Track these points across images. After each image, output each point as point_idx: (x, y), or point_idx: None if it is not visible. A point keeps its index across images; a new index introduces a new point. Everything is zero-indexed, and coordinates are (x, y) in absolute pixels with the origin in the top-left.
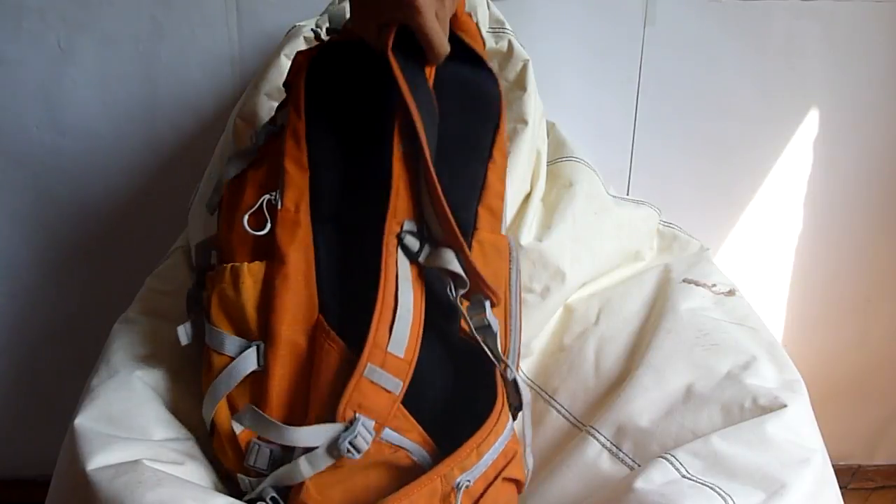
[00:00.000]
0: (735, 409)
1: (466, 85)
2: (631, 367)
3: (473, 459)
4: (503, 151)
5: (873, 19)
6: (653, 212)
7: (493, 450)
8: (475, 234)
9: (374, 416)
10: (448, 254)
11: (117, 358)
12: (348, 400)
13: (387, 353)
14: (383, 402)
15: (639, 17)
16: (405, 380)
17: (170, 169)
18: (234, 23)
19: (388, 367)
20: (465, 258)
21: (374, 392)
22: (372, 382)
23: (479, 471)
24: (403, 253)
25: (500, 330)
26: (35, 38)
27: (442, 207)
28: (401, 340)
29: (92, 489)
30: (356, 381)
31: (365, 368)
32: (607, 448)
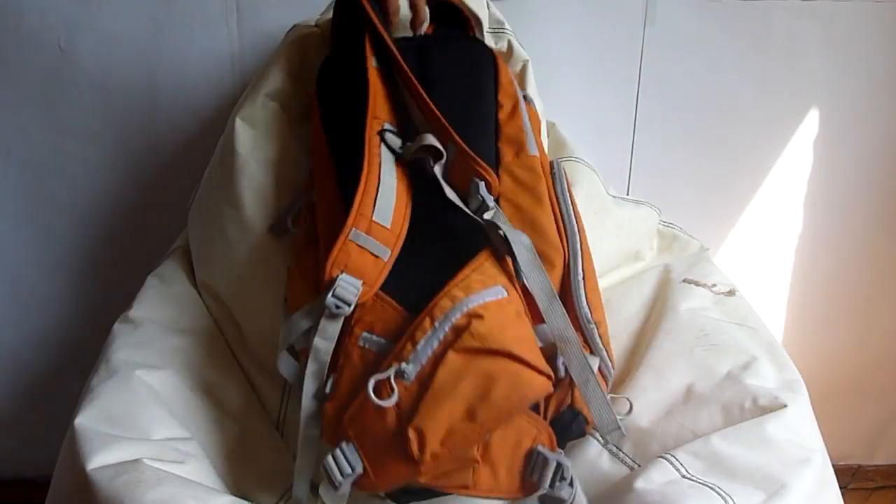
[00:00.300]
0: (735, 409)
1: (457, 42)
2: (631, 368)
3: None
4: (510, 95)
5: (873, 19)
6: (653, 212)
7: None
8: (501, 166)
9: (361, 277)
10: (426, 136)
11: (117, 357)
12: (334, 260)
13: (372, 220)
14: (369, 265)
15: (639, 17)
16: (393, 249)
17: (170, 169)
18: (234, 22)
19: (375, 234)
20: (445, 133)
21: (360, 254)
22: (358, 245)
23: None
24: (387, 147)
25: (554, 234)
26: (35, 38)
27: (417, 91)
28: (385, 211)
29: (92, 489)
30: (342, 243)
31: (350, 232)
32: (607, 448)
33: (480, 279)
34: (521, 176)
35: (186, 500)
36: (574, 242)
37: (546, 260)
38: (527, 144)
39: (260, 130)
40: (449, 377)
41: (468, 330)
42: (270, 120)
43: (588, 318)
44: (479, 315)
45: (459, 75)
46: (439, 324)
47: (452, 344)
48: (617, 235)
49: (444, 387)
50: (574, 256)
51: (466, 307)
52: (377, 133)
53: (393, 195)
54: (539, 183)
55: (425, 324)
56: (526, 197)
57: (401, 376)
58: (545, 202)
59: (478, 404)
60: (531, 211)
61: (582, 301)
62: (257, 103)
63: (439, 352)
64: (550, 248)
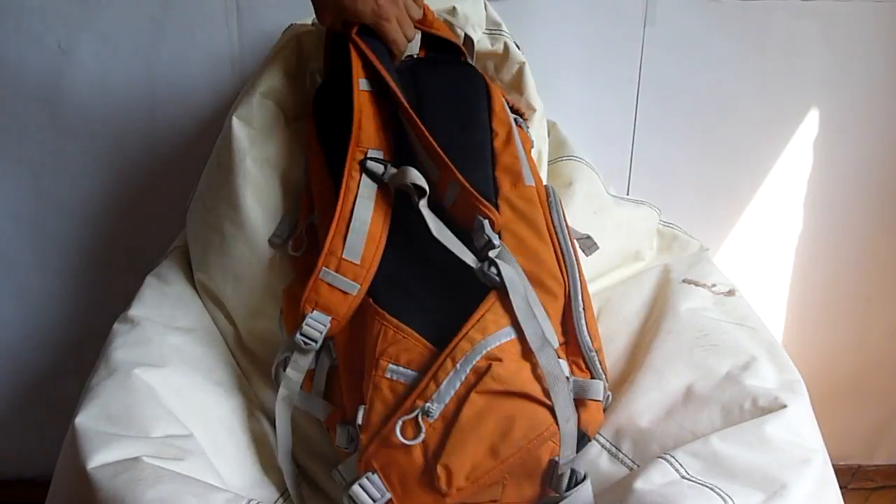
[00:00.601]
0: (735, 409)
1: (449, 66)
2: (631, 368)
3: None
4: (504, 122)
5: (873, 19)
6: (653, 212)
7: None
8: (499, 196)
9: (331, 314)
10: (410, 171)
11: (116, 356)
12: (306, 298)
13: (342, 259)
14: (338, 301)
15: (639, 17)
16: (363, 283)
17: (170, 169)
18: (234, 22)
19: (344, 271)
20: (447, 170)
21: (330, 291)
22: (328, 284)
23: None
24: (368, 176)
25: (554, 265)
26: (35, 38)
27: (416, 125)
28: (355, 248)
29: (92, 487)
30: (313, 282)
31: (320, 272)
32: (606, 449)
33: (494, 319)
34: (520, 206)
35: (186, 497)
36: (573, 273)
37: (548, 291)
38: (523, 174)
39: (257, 129)
40: (473, 417)
41: (489, 373)
42: (267, 119)
43: (589, 347)
44: (499, 358)
45: (453, 102)
46: (461, 365)
47: (475, 386)
48: (617, 235)
49: (469, 426)
50: (574, 287)
51: (485, 349)
52: (358, 163)
53: (365, 230)
54: (537, 214)
55: (447, 365)
56: (525, 228)
57: (427, 415)
58: (544, 233)
59: (500, 442)
60: (531, 242)
61: (584, 331)
62: (254, 102)
63: (462, 393)
64: (551, 280)
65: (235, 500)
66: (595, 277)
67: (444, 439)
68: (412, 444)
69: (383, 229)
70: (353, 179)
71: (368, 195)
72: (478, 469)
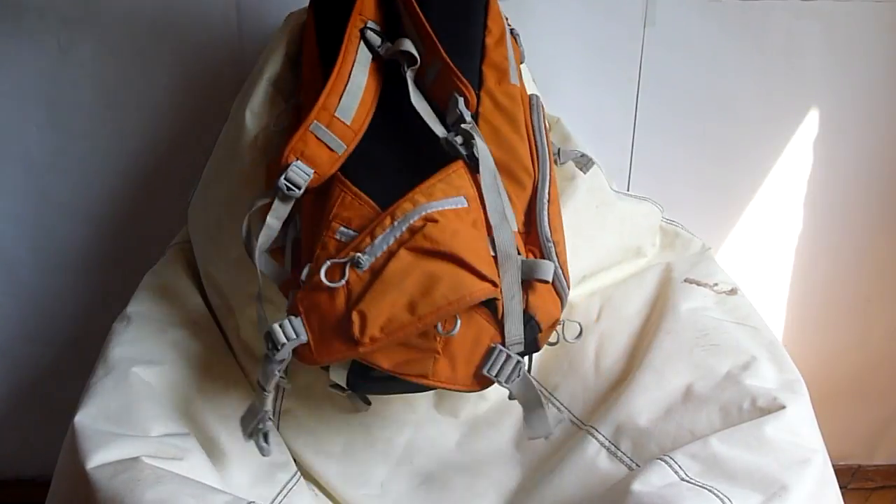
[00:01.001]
0: (734, 409)
1: None
2: (631, 367)
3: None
4: (498, 23)
5: (873, 19)
6: (655, 208)
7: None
8: (483, 88)
9: (314, 167)
10: (404, 41)
11: (115, 355)
12: (292, 147)
13: (333, 116)
14: (324, 156)
15: (639, 17)
16: (349, 144)
17: (169, 169)
18: (234, 22)
19: (334, 129)
20: (433, 46)
21: (317, 145)
22: (316, 137)
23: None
24: (366, 45)
25: (527, 158)
26: (35, 38)
27: (410, 3)
28: (348, 109)
29: (92, 488)
30: (302, 132)
31: (311, 124)
32: (606, 447)
33: (444, 188)
34: (502, 101)
35: (185, 498)
36: (544, 168)
37: (517, 181)
38: (509, 73)
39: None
40: (398, 272)
41: (422, 231)
42: (274, 108)
43: (548, 237)
44: (435, 220)
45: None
46: (398, 223)
47: (406, 242)
48: (618, 230)
49: (392, 280)
50: (542, 180)
51: (425, 211)
52: (359, 30)
53: (359, 94)
54: (517, 110)
55: (385, 221)
56: (503, 121)
57: (356, 265)
58: (521, 128)
59: (419, 298)
60: (507, 134)
61: (544, 221)
62: (261, 93)
63: (394, 248)
64: (522, 171)
65: (234, 501)
66: (596, 272)
67: (365, 290)
68: (334, 286)
69: (373, 100)
70: (352, 44)
71: (364, 63)
72: (393, 321)
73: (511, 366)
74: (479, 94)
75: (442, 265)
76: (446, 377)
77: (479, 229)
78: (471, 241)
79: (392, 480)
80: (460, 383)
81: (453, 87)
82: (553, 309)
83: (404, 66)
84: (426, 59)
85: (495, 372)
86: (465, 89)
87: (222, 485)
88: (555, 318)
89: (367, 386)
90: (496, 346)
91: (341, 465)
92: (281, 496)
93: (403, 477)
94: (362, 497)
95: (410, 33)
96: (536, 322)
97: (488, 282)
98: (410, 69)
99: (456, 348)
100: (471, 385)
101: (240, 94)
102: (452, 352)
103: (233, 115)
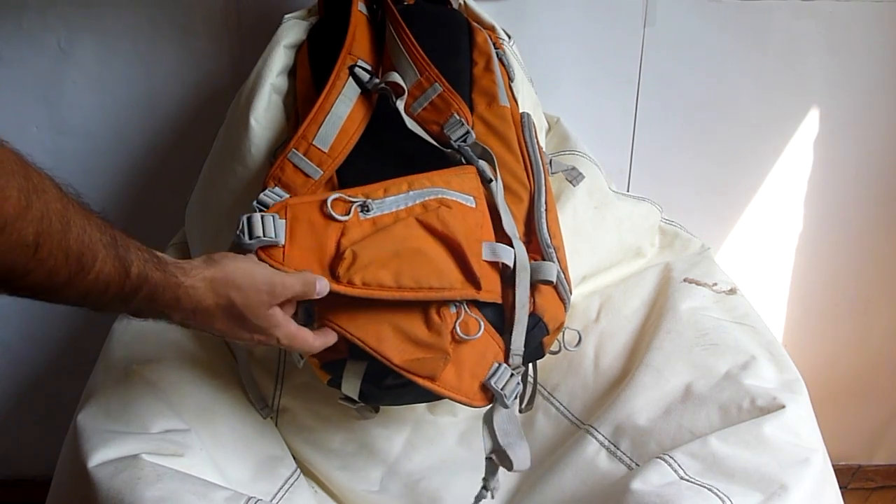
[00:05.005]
0: (733, 409)
1: (436, 9)
2: (630, 367)
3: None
4: (484, 53)
5: (873, 19)
6: (654, 208)
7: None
8: (474, 114)
9: (290, 192)
10: (392, 74)
11: (115, 354)
12: (271, 174)
13: (311, 144)
14: (300, 182)
15: (639, 18)
16: (327, 170)
17: (169, 168)
18: (234, 23)
19: (311, 156)
20: (430, 72)
21: (293, 172)
22: (293, 165)
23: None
24: (354, 80)
25: (522, 173)
26: (35, 38)
27: (404, 32)
28: (326, 137)
29: (93, 486)
30: (280, 161)
31: (289, 153)
32: (605, 447)
33: (459, 183)
34: (493, 122)
35: (186, 495)
36: (539, 180)
37: (514, 194)
38: (498, 96)
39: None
40: (400, 235)
41: (437, 211)
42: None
43: (548, 243)
44: (449, 206)
45: (438, 37)
46: (414, 192)
47: (420, 216)
48: (617, 230)
49: (393, 240)
50: (539, 191)
51: (441, 194)
52: (347, 67)
53: (339, 123)
54: (509, 130)
55: (402, 186)
56: (496, 142)
57: (364, 208)
58: (514, 147)
59: (406, 271)
60: (501, 154)
61: (543, 228)
62: (264, 99)
63: (403, 215)
64: (518, 184)
65: (236, 497)
66: (596, 272)
67: (365, 236)
68: (339, 218)
69: (358, 129)
70: (339, 79)
71: (350, 96)
72: (375, 278)
73: (513, 384)
74: (473, 121)
75: (441, 251)
76: (452, 386)
77: (481, 231)
78: (473, 241)
79: (391, 478)
80: (465, 394)
81: (453, 109)
82: (558, 312)
83: (392, 96)
84: (419, 87)
85: (500, 386)
86: (464, 109)
87: (222, 481)
88: (560, 321)
89: (379, 396)
90: (501, 364)
91: (341, 462)
92: (282, 492)
93: (402, 475)
94: (362, 494)
95: (403, 65)
96: (544, 323)
97: (473, 286)
98: (399, 98)
99: (464, 357)
100: (474, 397)
101: (239, 96)
102: (461, 359)
103: (232, 117)
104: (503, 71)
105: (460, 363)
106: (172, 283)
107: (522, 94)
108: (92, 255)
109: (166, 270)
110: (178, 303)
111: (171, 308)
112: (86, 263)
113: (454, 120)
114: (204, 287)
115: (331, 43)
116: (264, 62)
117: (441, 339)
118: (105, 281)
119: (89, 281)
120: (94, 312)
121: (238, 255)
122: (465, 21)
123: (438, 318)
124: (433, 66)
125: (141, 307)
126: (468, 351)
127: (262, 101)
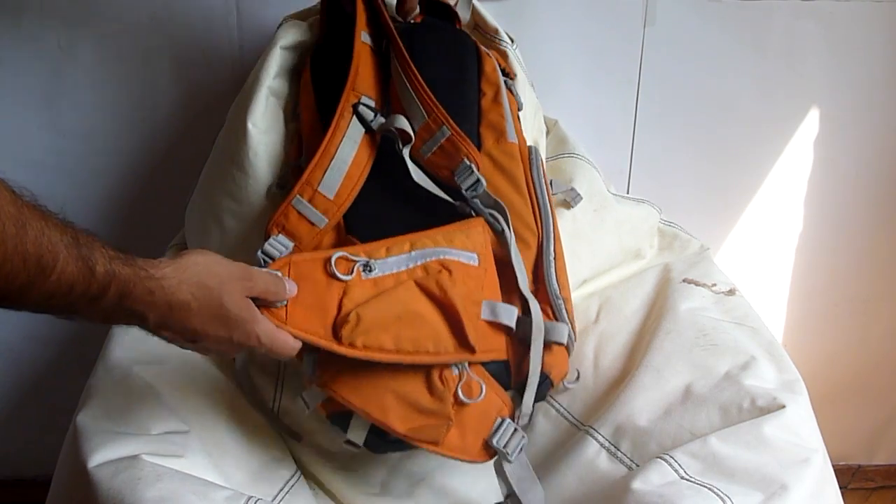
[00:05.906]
0: (733, 409)
1: (443, 31)
2: (630, 368)
3: (382, 253)
4: (492, 83)
5: (873, 19)
6: (653, 210)
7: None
8: (482, 150)
9: (295, 241)
10: (398, 117)
11: (115, 355)
12: (275, 221)
13: (316, 190)
14: (305, 230)
15: (639, 17)
16: (332, 218)
17: (169, 169)
18: (234, 23)
19: (316, 203)
20: (439, 116)
21: (298, 219)
22: (298, 212)
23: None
24: (358, 120)
25: (529, 216)
26: (35, 38)
27: (412, 71)
28: (331, 183)
29: (93, 487)
30: (284, 208)
31: (293, 199)
32: (605, 447)
33: (462, 240)
34: (501, 160)
35: (186, 495)
36: (547, 225)
37: (522, 240)
38: (507, 131)
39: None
40: (401, 299)
41: (436, 277)
42: (275, 115)
43: (557, 294)
44: (450, 270)
45: (444, 63)
46: (416, 253)
47: (420, 279)
48: (617, 232)
49: (395, 303)
50: (547, 238)
51: (443, 255)
52: (351, 105)
53: (344, 168)
54: (517, 168)
55: (405, 245)
56: (503, 181)
57: (367, 268)
58: (522, 187)
59: (404, 334)
60: (508, 194)
61: (552, 279)
62: (261, 103)
63: (404, 277)
64: (525, 230)
65: (236, 497)
66: (596, 275)
67: (366, 297)
68: (342, 278)
69: (363, 172)
70: (343, 119)
71: (355, 137)
72: (375, 342)
73: (518, 439)
74: (481, 160)
75: (438, 317)
76: (456, 447)
77: (483, 292)
78: (471, 303)
79: (392, 480)
80: (469, 453)
81: (463, 155)
82: (563, 365)
83: (398, 143)
84: (428, 130)
85: (503, 443)
86: (473, 153)
87: (223, 482)
88: (564, 372)
89: (383, 446)
90: (505, 419)
91: (341, 464)
92: (282, 494)
93: (403, 477)
94: (363, 496)
95: (410, 106)
96: (550, 379)
97: (467, 351)
98: (406, 146)
99: (467, 418)
100: (478, 455)
101: (238, 99)
102: (463, 421)
103: (231, 122)
104: (511, 99)
105: (463, 425)
106: (143, 276)
107: (525, 99)
108: (52, 256)
109: (135, 265)
110: (152, 296)
111: (144, 304)
112: (46, 265)
113: (464, 166)
114: (177, 278)
115: (334, 71)
116: (261, 65)
117: (444, 406)
118: (69, 282)
119: (51, 283)
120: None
121: (209, 251)
122: (474, 45)
123: (441, 383)
124: (441, 108)
125: (112, 307)
126: (471, 412)
127: (259, 106)
